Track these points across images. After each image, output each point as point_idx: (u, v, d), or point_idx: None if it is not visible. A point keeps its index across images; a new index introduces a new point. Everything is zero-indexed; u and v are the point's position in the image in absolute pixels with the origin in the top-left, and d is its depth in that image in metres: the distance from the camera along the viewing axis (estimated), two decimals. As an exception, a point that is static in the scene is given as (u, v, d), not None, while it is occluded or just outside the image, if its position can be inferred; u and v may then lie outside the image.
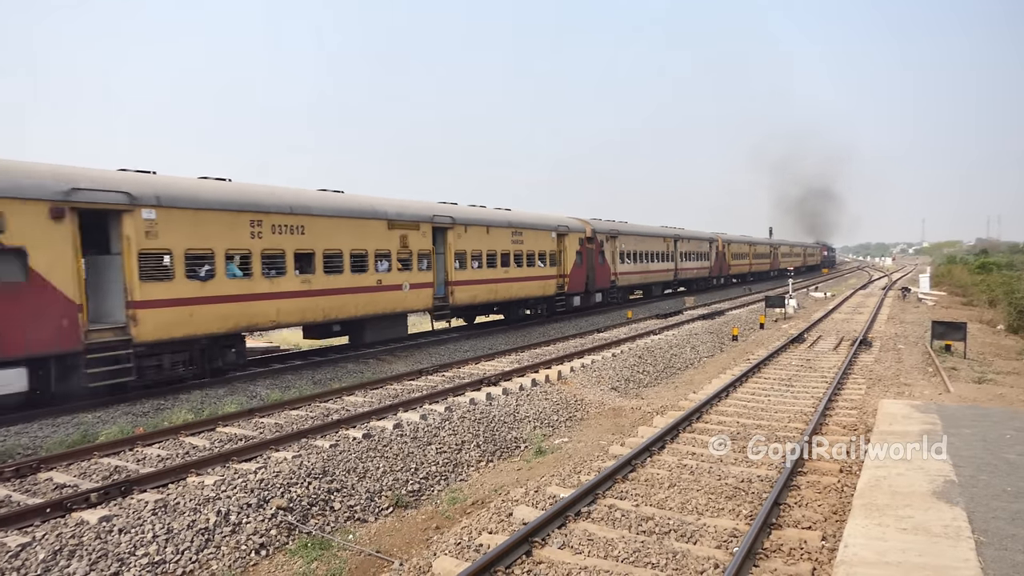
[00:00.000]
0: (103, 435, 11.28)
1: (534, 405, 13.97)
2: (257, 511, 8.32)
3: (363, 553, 7.94)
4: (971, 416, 11.00)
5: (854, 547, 6.15)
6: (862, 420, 12.00)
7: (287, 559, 7.75)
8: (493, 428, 12.41)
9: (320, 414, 12.59)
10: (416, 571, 6.97)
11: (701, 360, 20.90)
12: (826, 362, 18.51)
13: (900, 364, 18.03)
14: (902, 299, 40.34)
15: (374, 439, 10.92)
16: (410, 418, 12.08)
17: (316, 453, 10.11)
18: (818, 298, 42.54)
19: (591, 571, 6.67)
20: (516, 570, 6.76)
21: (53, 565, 6.82)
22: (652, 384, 17.63)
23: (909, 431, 9.80)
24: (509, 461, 11.56)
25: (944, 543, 6.14)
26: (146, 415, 12.77)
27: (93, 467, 9.68)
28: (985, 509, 6.89)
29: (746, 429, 11.69)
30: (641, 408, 14.40)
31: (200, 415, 12.62)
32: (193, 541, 7.59)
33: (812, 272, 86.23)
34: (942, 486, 7.56)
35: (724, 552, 7.02)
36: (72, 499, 8.03)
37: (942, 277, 57.61)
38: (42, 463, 9.62)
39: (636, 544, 7.20)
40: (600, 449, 11.39)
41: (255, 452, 10.08)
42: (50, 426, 11.84)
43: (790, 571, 6.62)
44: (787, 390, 14.99)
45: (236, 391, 14.72)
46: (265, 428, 11.70)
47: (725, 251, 53.01)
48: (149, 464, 9.82)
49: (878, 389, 14.87)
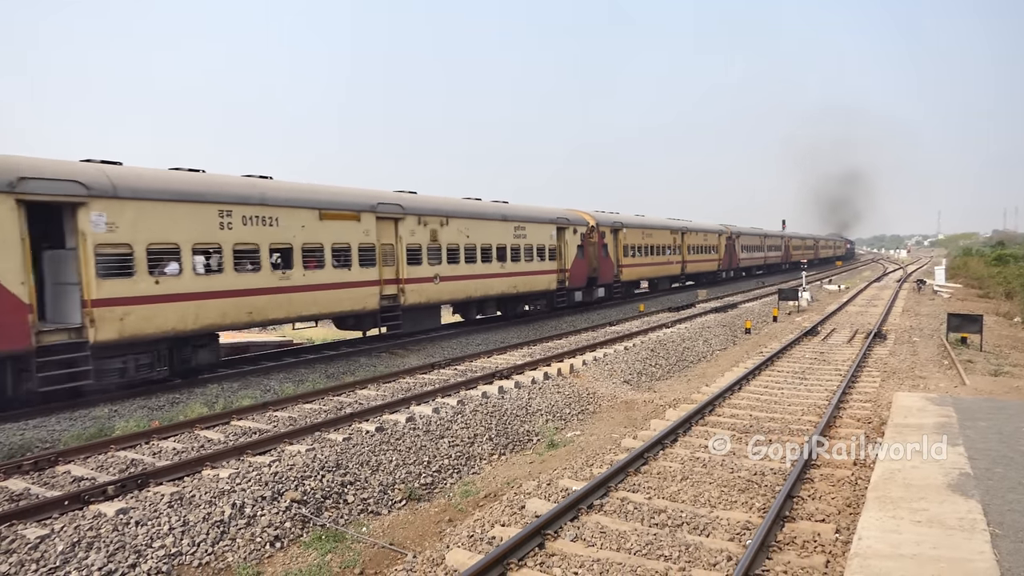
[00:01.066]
0: (119, 429, 11.40)
1: (546, 398, 13.99)
2: (272, 504, 8.39)
3: (376, 546, 7.99)
4: (987, 409, 10.91)
5: (868, 540, 6.12)
6: (876, 413, 11.92)
7: (301, 551, 7.81)
8: (505, 421, 12.43)
9: (333, 407, 12.66)
10: (429, 563, 7.01)
11: (714, 353, 20.84)
12: (840, 355, 18.39)
13: (915, 357, 17.89)
14: (917, 292, 40.00)
15: (387, 432, 10.97)
16: (423, 411, 12.13)
17: (329, 446, 10.17)
18: (832, 291, 42.26)
19: (604, 563, 6.68)
20: (529, 562, 6.78)
21: (72, 556, 6.91)
22: (664, 377, 17.60)
23: (924, 424, 9.73)
24: (521, 454, 11.59)
25: (959, 535, 6.10)
26: (161, 409, 12.89)
27: (110, 460, 9.78)
28: (1001, 502, 6.84)
29: (759, 422, 11.65)
30: (653, 401, 14.37)
31: (214, 409, 12.73)
32: (209, 533, 7.67)
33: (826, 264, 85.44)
34: (957, 479, 7.51)
35: (737, 545, 7.01)
36: (90, 492, 8.12)
37: (958, 269, 57.07)
38: (60, 456, 9.73)
39: (648, 536, 7.20)
40: (612, 442, 11.39)
41: (269, 445, 10.15)
42: (67, 420, 11.97)
43: (804, 564, 6.60)
44: (800, 383, 14.92)
45: (250, 385, 14.83)
46: (279, 421, 11.78)
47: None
48: (165, 457, 9.92)
49: (893, 382, 14.78)
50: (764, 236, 61.49)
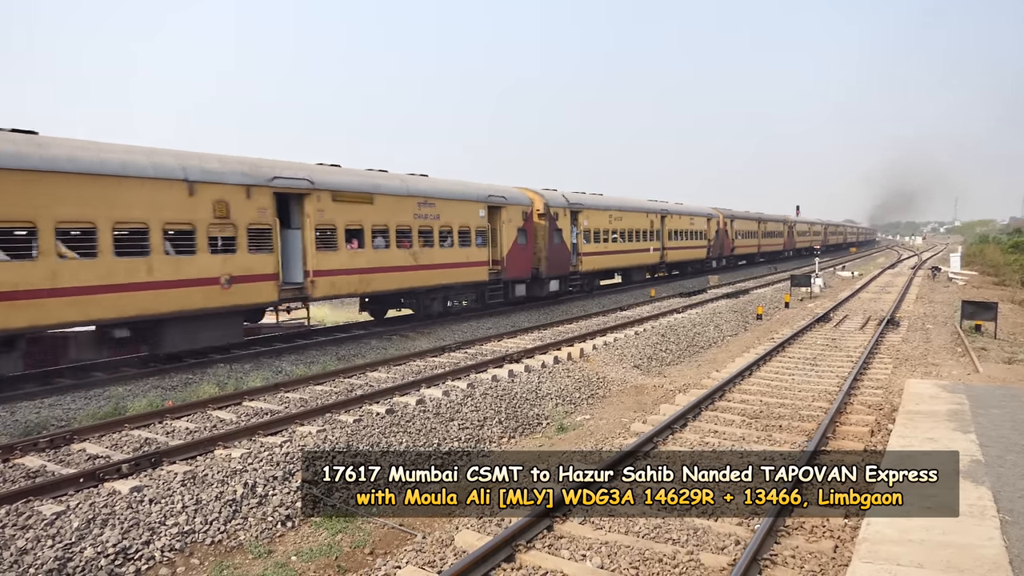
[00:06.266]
0: (133, 408, 11.53)
1: (556, 382, 14.01)
2: (283, 483, 8.48)
3: (386, 526, 8.07)
4: (1000, 396, 10.85)
5: (877, 525, 6.12)
6: (888, 400, 11.88)
7: (312, 530, 7.90)
8: (515, 405, 12.47)
9: (344, 389, 12.74)
10: (438, 544, 7.07)
11: (725, 339, 20.78)
12: (852, 342, 18.30)
13: (928, 344, 17.77)
14: (932, 279, 39.66)
15: (397, 414, 11.03)
16: (433, 394, 12.18)
17: (340, 428, 10.25)
18: (845, 277, 41.97)
19: (611, 546, 6.72)
20: (537, 544, 6.82)
21: (87, 533, 7.02)
22: (675, 362, 17.58)
23: (936, 411, 9.69)
24: (531, 437, 11.63)
25: (969, 522, 6.09)
26: (175, 389, 13.01)
27: (124, 439, 9.90)
28: (1012, 489, 6.82)
29: (769, 408, 11.64)
30: (663, 386, 14.37)
31: (226, 389, 12.83)
32: (221, 512, 7.76)
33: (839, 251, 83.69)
34: (968, 465, 7.48)
35: (745, 529, 7.03)
36: (104, 470, 8.23)
37: (974, 256, 56.46)
38: (75, 434, 9.85)
39: (657, 521, 7.22)
40: (622, 426, 11.41)
41: (281, 426, 10.24)
42: (82, 398, 12.11)
43: (812, 548, 6.61)
44: (812, 369, 14.86)
45: (262, 366, 14.93)
46: (290, 403, 11.87)
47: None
48: (178, 436, 10.03)
49: (905, 369, 14.69)
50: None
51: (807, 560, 6.44)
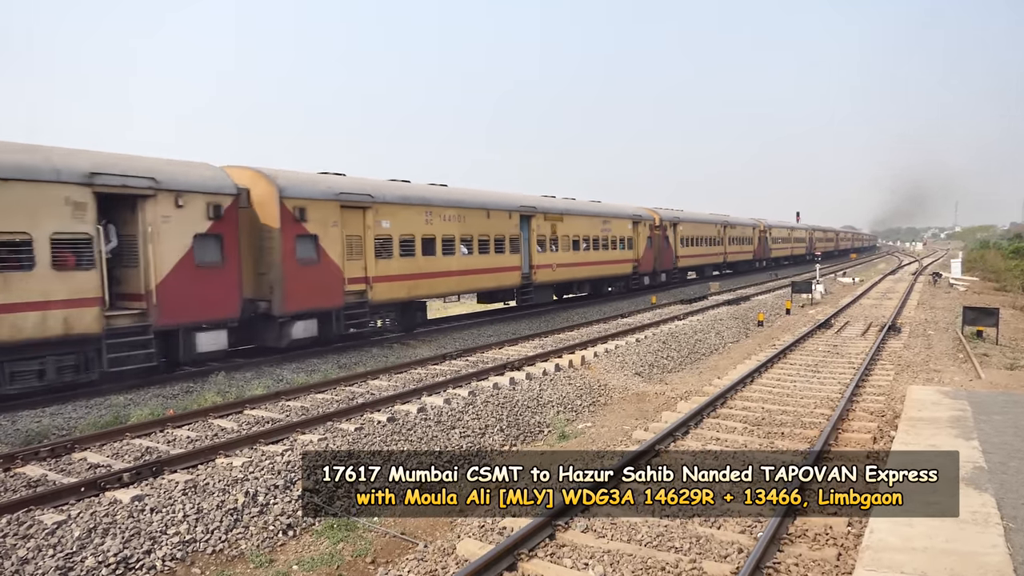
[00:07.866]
0: (134, 417, 11.51)
1: (557, 390, 13.99)
2: (284, 492, 8.47)
3: (388, 535, 8.04)
4: (1002, 403, 10.83)
5: (880, 532, 6.10)
6: (890, 406, 11.85)
7: (314, 539, 7.87)
8: (516, 412, 12.45)
9: (345, 397, 12.73)
10: (440, 553, 7.05)
11: (726, 345, 20.75)
12: (853, 348, 18.28)
13: (930, 350, 17.75)
14: (933, 284, 39.64)
15: (398, 423, 11.02)
16: (434, 402, 12.17)
17: (341, 436, 10.23)
18: (846, 283, 41.95)
19: (614, 554, 6.70)
20: (539, 553, 6.80)
21: (88, 542, 7.00)
22: (676, 369, 17.55)
23: (938, 417, 9.67)
24: (532, 445, 11.61)
25: (972, 529, 6.07)
26: (176, 397, 13.00)
27: (125, 448, 9.88)
28: (1015, 496, 6.80)
29: (771, 415, 11.62)
30: (665, 393, 14.35)
31: (227, 398, 12.82)
32: (222, 521, 7.74)
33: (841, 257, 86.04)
34: (971, 472, 7.46)
35: (748, 537, 7.01)
36: (105, 479, 8.21)
37: (975, 262, 56.40)
38: (76, 443, 9.84)
39: (659, 528, 7.20)
40: (623, 434, 11.39)
41: (282, 434, 10.22)
42: (83, 407, 12.10)
43: (815, 556, 6.59)
44: (813, 376, 14.84)
45: (263, 375, 14.92)
46: (291, 411, 11.85)
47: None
48: (179, 445, 10.01)
49: (907, 375, 14.67)
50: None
51: (810, 568, 6.42)
